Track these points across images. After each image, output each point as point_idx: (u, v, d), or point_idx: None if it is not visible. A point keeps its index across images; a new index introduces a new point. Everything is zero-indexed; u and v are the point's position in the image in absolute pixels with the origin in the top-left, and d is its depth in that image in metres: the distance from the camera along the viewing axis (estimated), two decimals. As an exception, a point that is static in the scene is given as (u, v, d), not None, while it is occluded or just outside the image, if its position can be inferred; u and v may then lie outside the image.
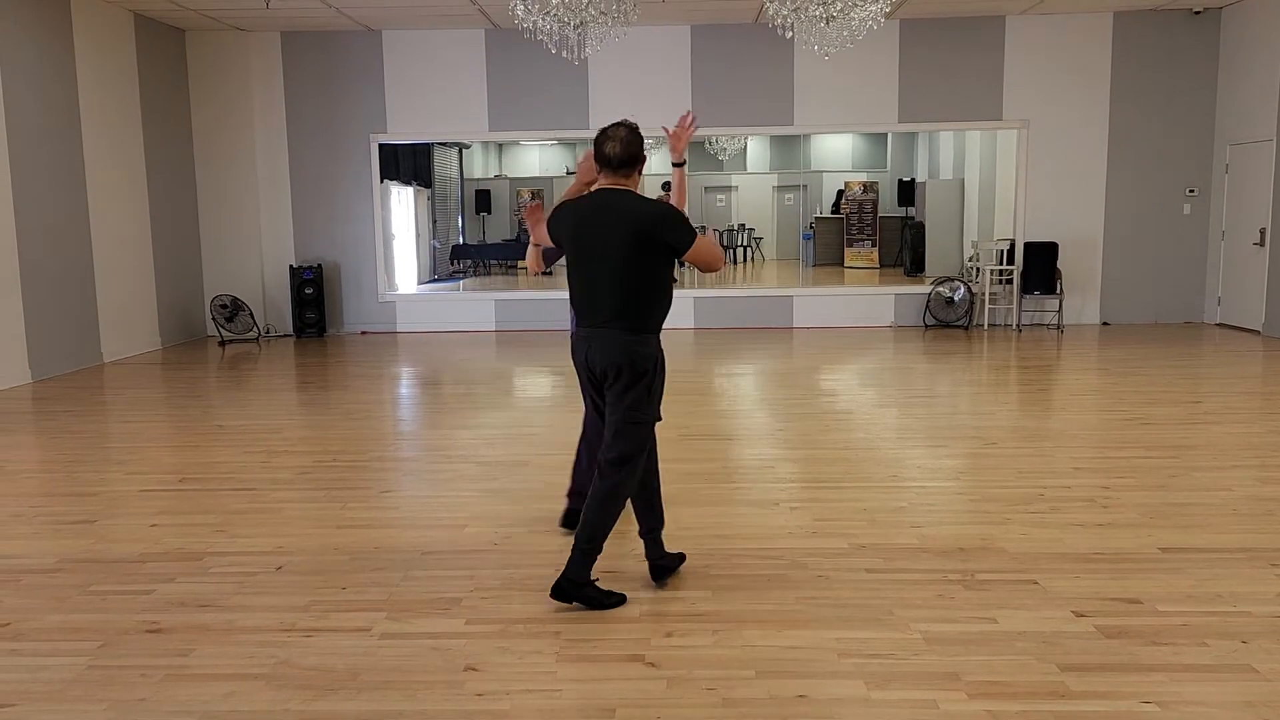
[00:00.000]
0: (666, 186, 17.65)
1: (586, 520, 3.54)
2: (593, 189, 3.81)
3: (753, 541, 4.31)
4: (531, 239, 4.16)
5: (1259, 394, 7.58)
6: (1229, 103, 11.23)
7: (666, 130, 4.00)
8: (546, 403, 7.91)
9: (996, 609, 3.53)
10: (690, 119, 3.96)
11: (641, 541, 3.86)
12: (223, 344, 11.22)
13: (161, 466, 5.82)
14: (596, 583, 3.57)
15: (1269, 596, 3.62)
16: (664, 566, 3.83)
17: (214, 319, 11.30)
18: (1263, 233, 10.64)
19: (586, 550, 3.53)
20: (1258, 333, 10.69)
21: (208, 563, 4.14)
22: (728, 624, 3.44)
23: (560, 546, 4.27)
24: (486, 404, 7.71)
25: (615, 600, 3.59)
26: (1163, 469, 5.37)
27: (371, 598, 3.73)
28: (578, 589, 3.53)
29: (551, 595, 3.54)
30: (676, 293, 4.63)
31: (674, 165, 4.03)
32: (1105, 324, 11.73)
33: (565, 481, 5.25)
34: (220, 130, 11.68)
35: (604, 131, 3.67)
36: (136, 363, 9.93)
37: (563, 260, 3.83)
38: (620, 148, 3.62)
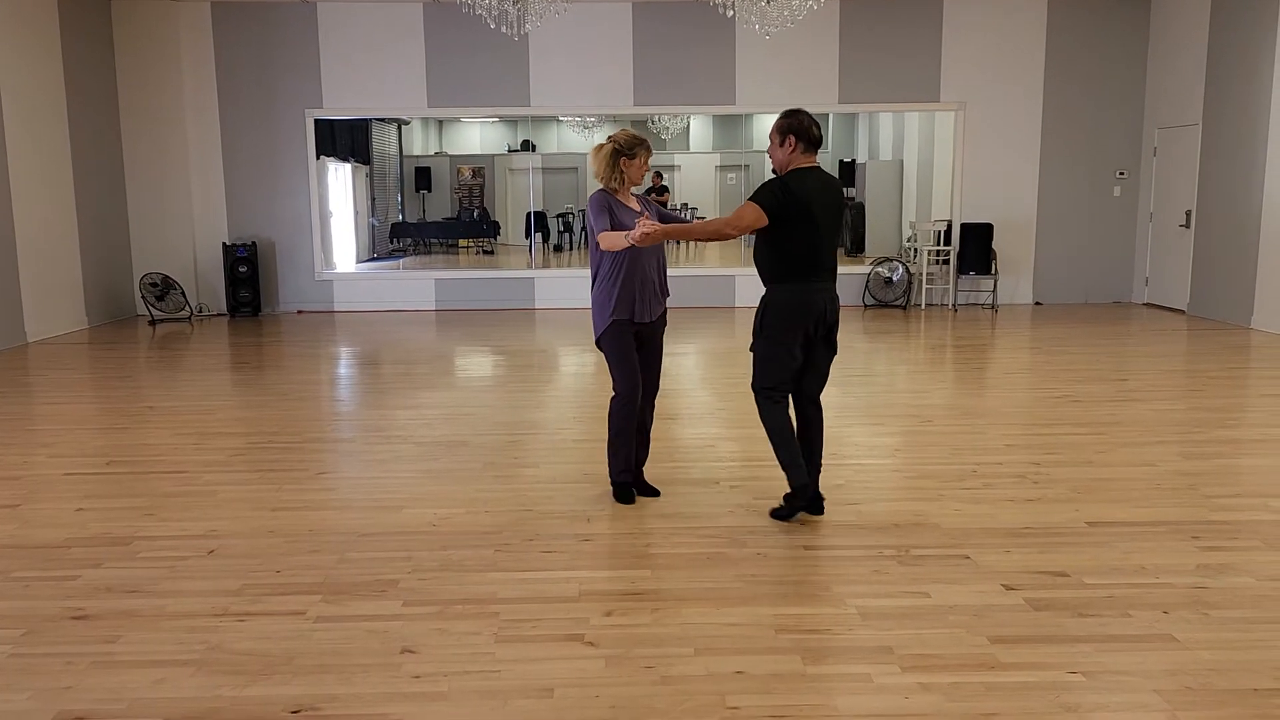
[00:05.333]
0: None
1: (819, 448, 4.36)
2: (792, 167, 4.14)
3: (692, 520, 4.33)
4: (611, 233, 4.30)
5: (1183, 372, 7.81)
6: (1158, 87, 11.50)
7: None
8: (486, 382, 7.86)
9: (929, 583, 3.60)
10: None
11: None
12: (153, 323, 10.94)
13: (88, 449, 5.67)
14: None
15: (1189, 568, 3.74)
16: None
17: (144, 298, 11.01)
18: (1188, 215, 10.93)
19: (819, 465, 4.38)
20: (1183, 312, 11.00)
21: (136, 547, 4.04)
22: (667, 602, 3.46)
23: (499, 526, 4.25)
24: (425, 384, 7.63)
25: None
26: (1091, 445, 5.51)
27: (307, 580, 3.68)
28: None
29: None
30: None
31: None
32: (1038, 304, 11.98)
33: (506, 460, 5.23)
34: (149, 103, 11.34)
35: (800, 115, 4.13)
36: (62, 343, 9.64)
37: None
38: (819, 130, 4.16)
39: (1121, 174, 11.85)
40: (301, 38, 11.40)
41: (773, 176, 4.20)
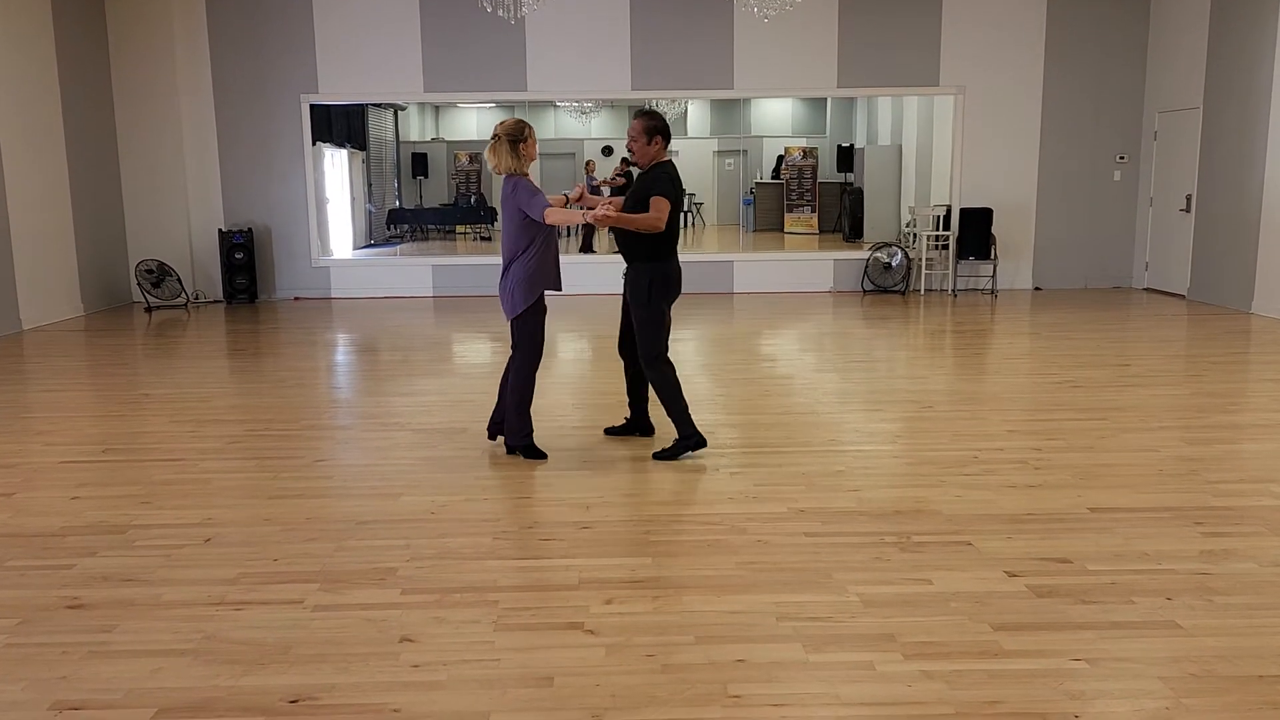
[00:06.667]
0: (607, 151, 17.50)
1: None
2: (655, 160, 4.92)
3: (693, 507, 4.31)
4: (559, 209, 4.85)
5: (1184, 357, 7.78)
6: (1158, 71, 11.43)
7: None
8: (485, 369, 7.81)
9: (931, 570, 3.58)
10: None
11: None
12: (149, 310, 10.88)
13: (84, 437, 5.63)
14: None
15: (1192, 554, 3.72)
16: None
17: (139, 284, 10.95)
18: (1188, 199, 10.89)
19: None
20: (1183, 297, 10.97)
21: (132, 535, 4.01)
22: (667, 590, 3.43)
23: (497, 513, 4.23)
24: (423, 370, 7.59)
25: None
26: (1092, 431, 5.49)
27: (304, 569, 3.65)
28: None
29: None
30: (616, 259, 5.34)
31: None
32: (1038, 289, 11.94)
33: (503, 447, 5.19)
34: (143, 89, 11.24)
35: (660, 116, 4.96)
36: (57, 330, 9.59)
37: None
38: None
39: (1122, 158, 11.80)
40: (296, 21, 11.31)
41: (655, 170, 4.90)
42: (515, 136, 4.81)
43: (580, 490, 4.54)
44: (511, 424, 5.00)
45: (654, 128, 4.89)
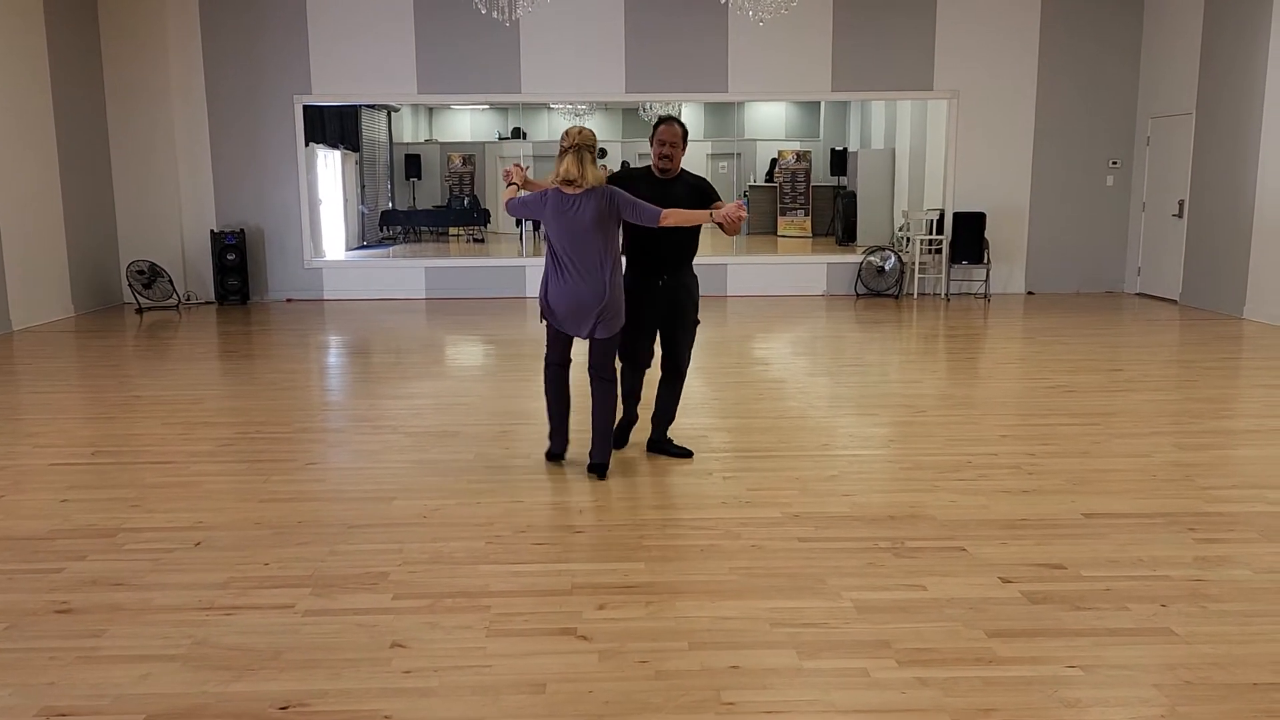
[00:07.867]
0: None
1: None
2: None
3: (686, 511, 4.30)
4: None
5: (1176, 362, 7.79)
6: (1151, 76, 11.46)
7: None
8: (477, 372, 7.80)
9: (925, 576, 3.57)
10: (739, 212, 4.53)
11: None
12: (140, 311, 10.83)
13: (74, 439, 5.59)
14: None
15: (1187, 560, 3.72)
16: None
17: (130, 285, 10.90)
18: (1181, 204, 10.91)
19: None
20: (1175, 302, 11.00)
21: (122, 539, 3.98)
22: (661, 595, 3.42)
23: (490, 518, 4.21)
24: (416, 373, 7.57)
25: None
26: (1085, 436, 5.49)
27: (295, 573, 3.63)
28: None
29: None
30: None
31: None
32: (1030, 293, 11.96)
33: (497, 451, 5.18)
34: (135, 89, 11.19)
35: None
36: (48, 331, 9.54)
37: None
38: None
39: (1114, 163, 11.83)
40: (290, 22, 11.27)
41: (691, 177, 4.95)
42: (594, 148, 4.59)
43: (573, 495, 4.52)
44: (608, 443, 4.77)
45: (686, 133, 4.88)
